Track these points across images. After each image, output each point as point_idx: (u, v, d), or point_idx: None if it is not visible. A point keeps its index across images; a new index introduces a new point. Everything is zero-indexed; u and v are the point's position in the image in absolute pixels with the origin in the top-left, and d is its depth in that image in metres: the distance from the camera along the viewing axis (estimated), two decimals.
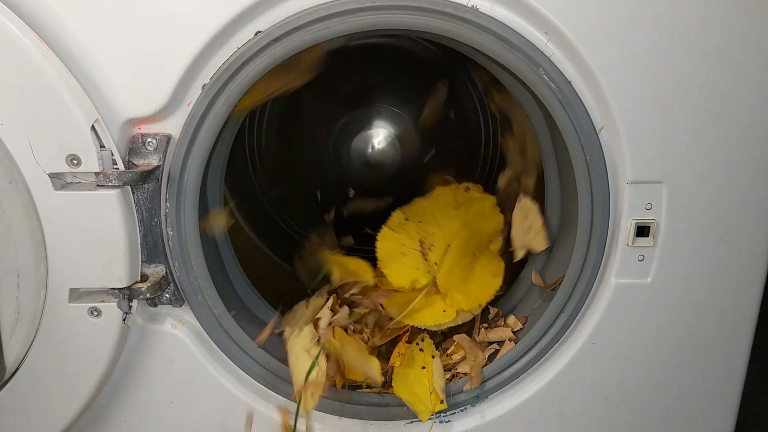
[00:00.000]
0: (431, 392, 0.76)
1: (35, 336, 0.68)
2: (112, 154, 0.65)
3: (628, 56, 0.65)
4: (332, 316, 0.78)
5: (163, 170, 0.68)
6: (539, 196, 0.85)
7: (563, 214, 0.83)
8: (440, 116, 1.11)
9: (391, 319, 0.79)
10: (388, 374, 0.79)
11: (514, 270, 0.88)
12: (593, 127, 0.68)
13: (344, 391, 0.79)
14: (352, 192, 1.18)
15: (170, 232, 0.69)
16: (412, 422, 0.80)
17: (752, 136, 0.69)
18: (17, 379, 0.69)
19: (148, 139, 0.67)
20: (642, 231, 0.72)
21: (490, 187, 1.18)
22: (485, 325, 0.85)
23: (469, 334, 0.84)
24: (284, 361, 0.77)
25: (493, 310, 0.87)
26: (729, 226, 0.72)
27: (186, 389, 0.76)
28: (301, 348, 0.73)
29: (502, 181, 0.92)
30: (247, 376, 0.77)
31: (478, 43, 0.66)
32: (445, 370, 0.79)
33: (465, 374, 0.79)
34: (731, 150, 0.69)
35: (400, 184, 1.19)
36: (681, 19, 0.65)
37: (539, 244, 0.79)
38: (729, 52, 0.66)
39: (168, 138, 0.67)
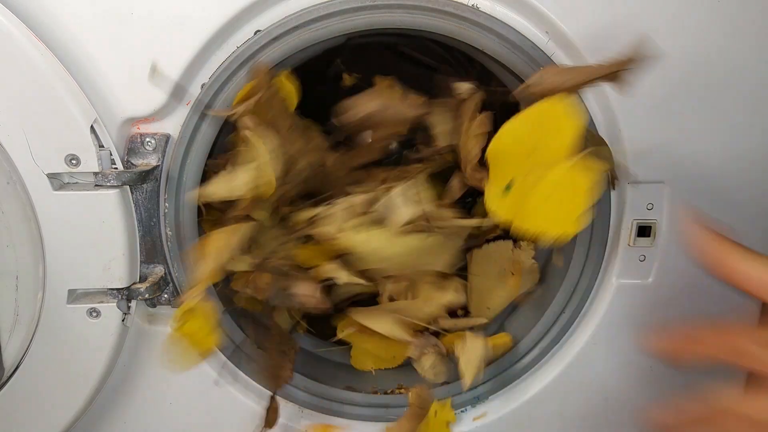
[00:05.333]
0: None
1: (33, 337, 0.67)
2: (111, 154, 0.65)
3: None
4: None
5: (162, 170, 0.67)
6: None
7: None
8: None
9: None
10: None
11: None
12: (594, 126, 0.68)
13: (344, 392, 0.79)
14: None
15: (169, 233, 0.69)
16: None
17: (754, 136, 0.69)
18: (15, 380, 0.69)
19: (147, 139, 0.66)
20: (643, 231, 0.72)
21: None
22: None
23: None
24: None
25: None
26: (730, 226, 0.72)
27: (185, 390, 0.76)
28: None
29: None
30: (246, 377, 0.77)
31: (479, 42, 0.66)
32: None
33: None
34: (732, 150, 0.69)
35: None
36: (682, 19, 0.64)
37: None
38: (730, 52, 0.66)
39: (167, 137, 0.67)
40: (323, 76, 0.93)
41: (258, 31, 0.65)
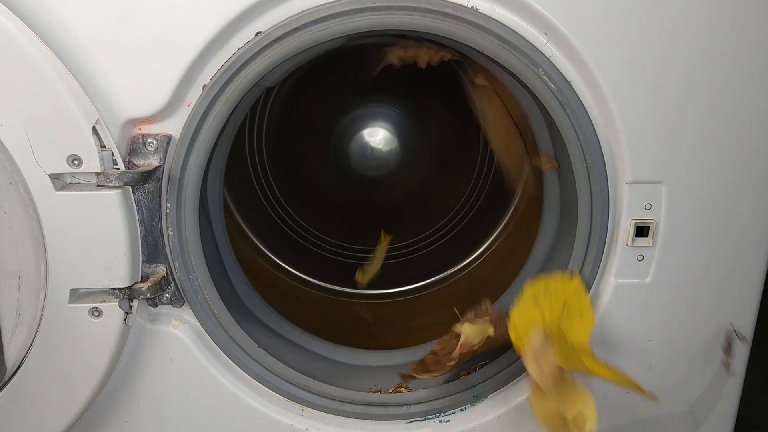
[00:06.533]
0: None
1: (35, 337, 0.68)
2: (113, 155, 0.65)
3: (627, 56, 0.65)
4: None
5: (163, 170, 0.68)
6: (539, 196, 0.85)
7: (563, 214, 0.84)
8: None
9: None
10: None
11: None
12: (593, 127, 0.68)
13: (344, 391, 0.79)
14: None
15: (171, 232, 0.69)
16: (411, 422, 0.80)
17: (752, 136, 0.69)
18: (17, 379, 0.69)
19: (149, 140, 0.67)
20: (641, 231, 0.72)
21: (491, 186, 1.18)
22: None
23: None
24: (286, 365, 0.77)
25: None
26: (728, 226, 0.72)
27: (186, 389, 0.76)
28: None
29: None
30: (247, 376, 0.77)
31: (478, 44, 0.66)
32: None
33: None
34: (731, 150, 0.69)
35: (400, 181, 1.20)
36: (681, 20, 0.65)
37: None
38: (728, 53, 0.66)
39: (168, 138, 0.67)
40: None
41: (259, 32, 0.65)
